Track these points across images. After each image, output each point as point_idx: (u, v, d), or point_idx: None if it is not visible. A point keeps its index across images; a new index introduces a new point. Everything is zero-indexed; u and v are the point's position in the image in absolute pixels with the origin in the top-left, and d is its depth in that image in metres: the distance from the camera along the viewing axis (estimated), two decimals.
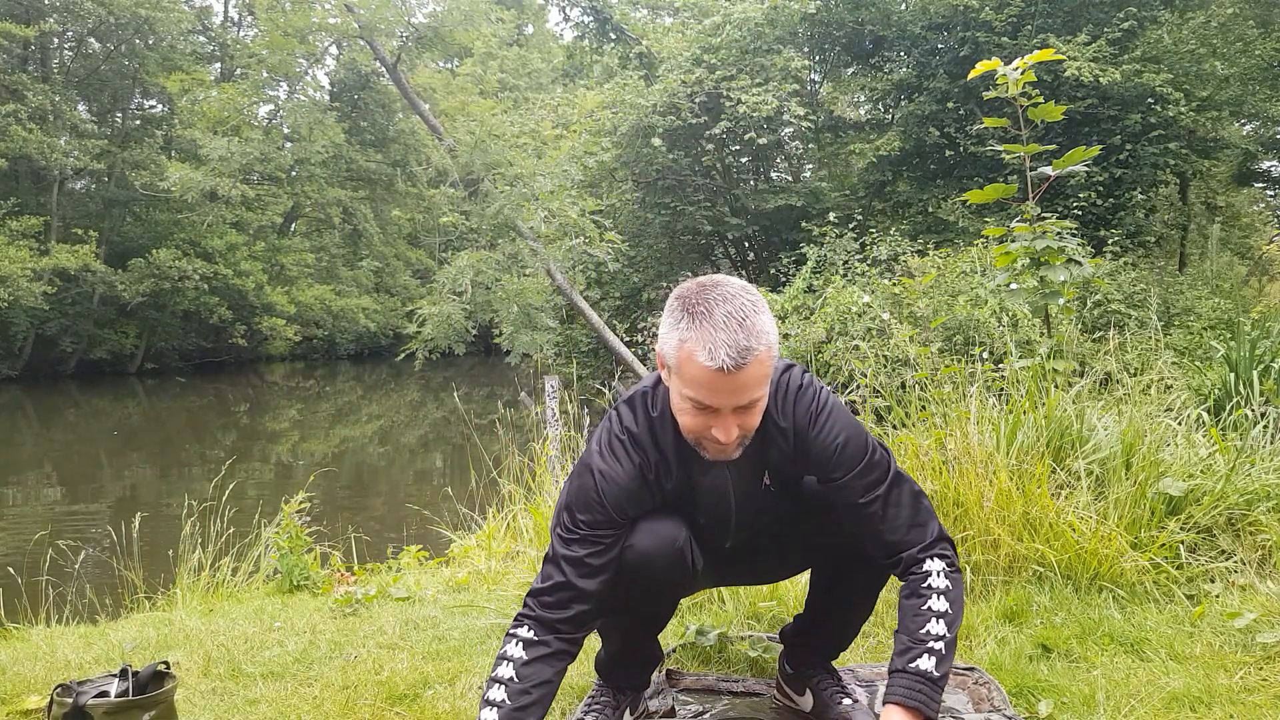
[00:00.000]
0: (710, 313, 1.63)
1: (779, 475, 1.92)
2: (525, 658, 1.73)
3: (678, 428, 1.80)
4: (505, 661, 1.74)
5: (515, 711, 1.69)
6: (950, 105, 14.01)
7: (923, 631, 1.72)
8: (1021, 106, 3.86)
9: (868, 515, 1.83)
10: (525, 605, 1.81)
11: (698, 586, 2.26)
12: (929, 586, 1.77)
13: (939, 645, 1.71)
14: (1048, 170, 3.83)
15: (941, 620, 1.73)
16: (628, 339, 13.24)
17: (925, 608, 1.75)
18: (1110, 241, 10.77)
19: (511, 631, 1.78)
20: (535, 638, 1.76)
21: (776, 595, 2.89)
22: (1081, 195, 12.30)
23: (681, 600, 2.90)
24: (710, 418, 1.70)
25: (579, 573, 1.79)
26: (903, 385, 4.00)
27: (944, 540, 1.85)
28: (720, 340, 1.60)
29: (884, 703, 1.70)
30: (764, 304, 1.69)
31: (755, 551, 2.10)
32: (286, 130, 15.79)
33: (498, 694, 1.70)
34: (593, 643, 2.67)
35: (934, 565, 1.80)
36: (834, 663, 2.24)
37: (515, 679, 1.71)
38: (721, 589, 2.92)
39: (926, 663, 1.69)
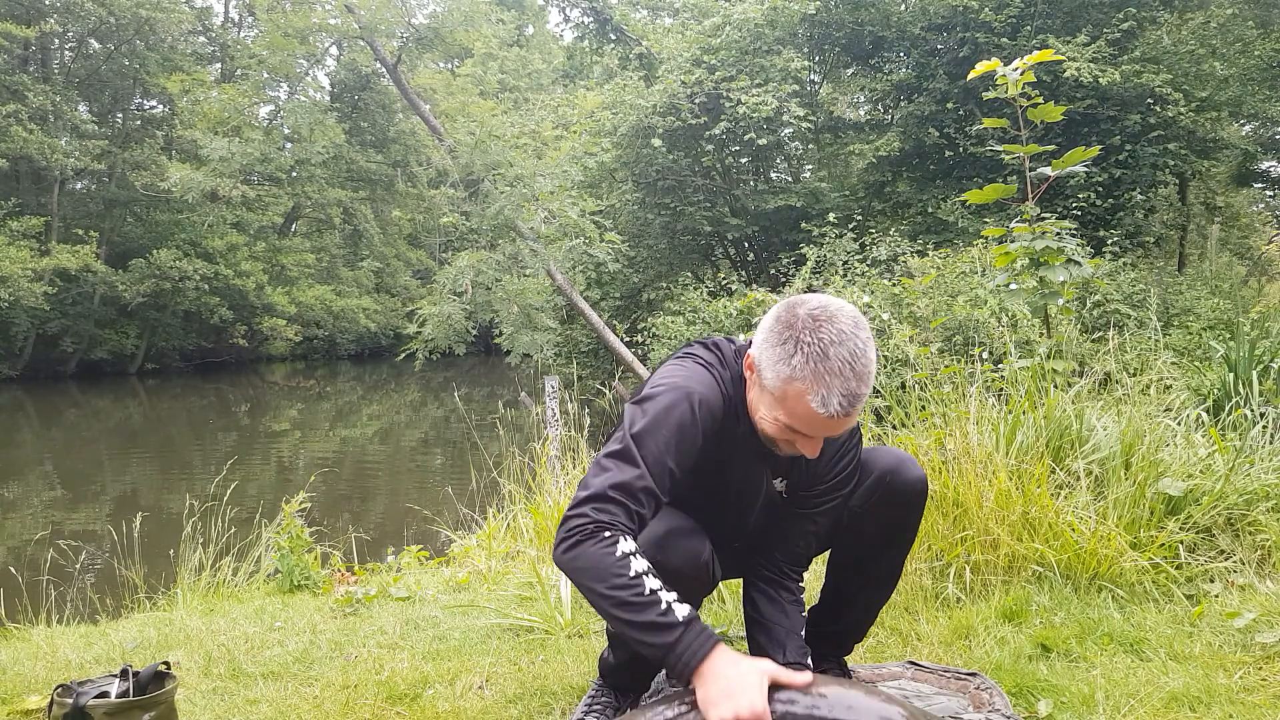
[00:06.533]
0: (825, 354, 1.59)
1: (793, 484, 1.97)
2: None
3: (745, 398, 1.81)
4: (634, 555, 1.58)
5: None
6: (950, 106, 14.02)
7: (802, 633, 2.04)
8: (1021, 107, 3.86)
9: (806, 528, 2.02)
10: (615, 502, 1.61)
11: None
12: (802, 603, 2.08)
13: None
14: (1047, 171, 3.83)
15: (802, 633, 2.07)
16: (628, 339, 13.24)
17: (802, 615, 2.06)
18: (1110, 242, 10.77)
19: (615, 536, 1.58)
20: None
21: None
22: (1081, 195, 12.31)
23: None
24: (799, 440, 1.72)
25: (663, 486, 1.68)
26: (902, 385, 4.01)
27: None
28: (835, 388, 1.59)
29: (788, 660, 1.96)
30: (871, 335, 1.66)
31: (764, 544, 2.11)
32: (287, 131, 15.80)
33: (656, 582, 1.57)
34: (598, 643, 2.68)
35: (795, 589, 2.08)
36: None
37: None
38: (722, 589, 2.93)
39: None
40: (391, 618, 3.09)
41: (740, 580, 2.16)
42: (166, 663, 2.25)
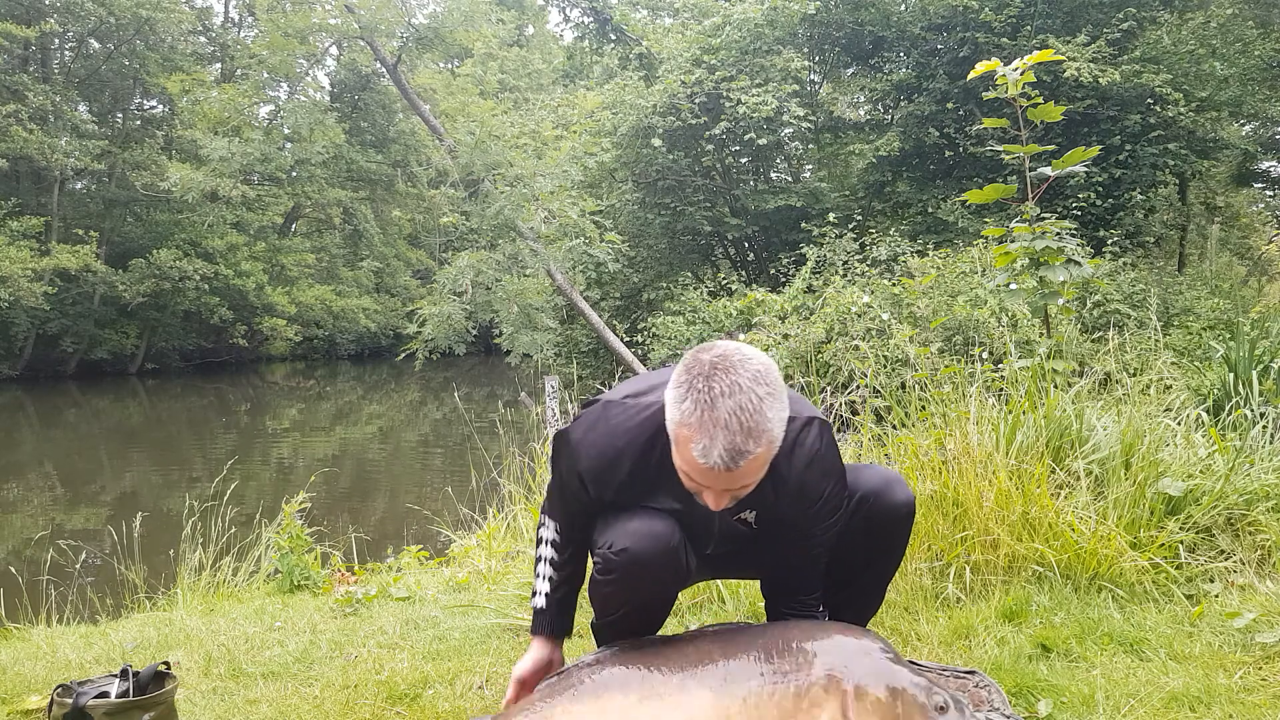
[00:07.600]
0: (713, 404, 1.55)
1: (763, 517, 1.92)
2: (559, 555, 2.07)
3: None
4: (543, 544, 2.07)
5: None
6: (950, 106, 14.01)
7: None
8: (1021, 107, 3.86)
9: (817, 559, 2.00)
10: (544, 525, 2.09)
11: (692, 580, 2.27)
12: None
13: None
14: (1047, 170, 3.84)
15: None
16: (628, 339, 13.24)
17: None
18: (1110, 242, 10.77)
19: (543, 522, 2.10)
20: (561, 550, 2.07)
21: None
22: (1081, 195, 12.31)
23: (680, 598, 2.90)
24: (702, 490, 1.69)
25: (580, 533, 2.04)
26: (903, 385, 4.00)
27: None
28: (718, 438, 1.55)
29: None
30: (778, 390, 1.60)
31: (744, 556, 2.10)
32: (287, 131, 15.76)
33: (544, 568, 2.08)
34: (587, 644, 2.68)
35: (818, 614, 2.06)
36: None
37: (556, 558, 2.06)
38: (723, 591, 2.93)
39: None
40: (391, 618, 3.09)
41: (738, 582, 2.16)
42: (166, 663, 2.26)
